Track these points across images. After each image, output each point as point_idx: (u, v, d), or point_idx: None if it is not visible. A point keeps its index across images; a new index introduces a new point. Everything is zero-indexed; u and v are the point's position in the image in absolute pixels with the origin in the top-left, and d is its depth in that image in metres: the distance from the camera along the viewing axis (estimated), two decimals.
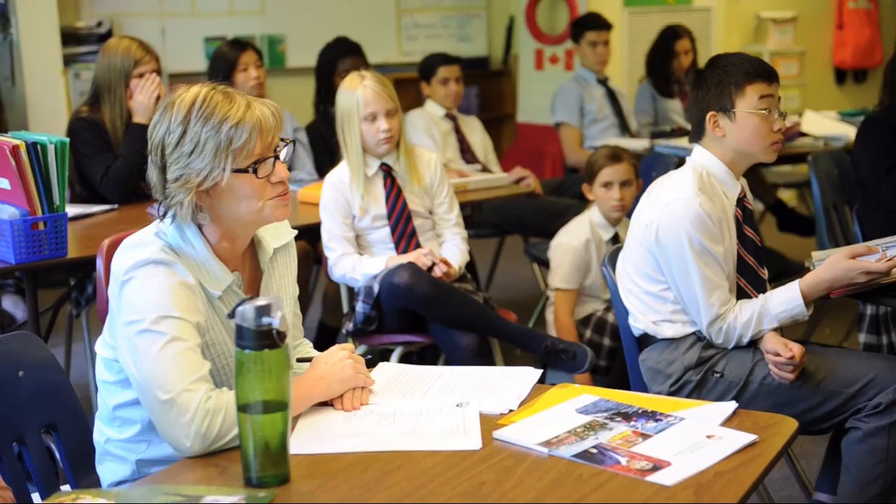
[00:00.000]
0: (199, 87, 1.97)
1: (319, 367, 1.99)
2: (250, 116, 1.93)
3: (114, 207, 3.95)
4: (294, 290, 2.20)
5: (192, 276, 1.94)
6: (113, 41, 4.19)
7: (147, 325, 1.86)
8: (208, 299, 1.97)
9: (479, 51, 7.96)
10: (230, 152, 1.91)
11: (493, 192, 4.51)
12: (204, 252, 1.98)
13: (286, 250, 2.17)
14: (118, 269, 1.94)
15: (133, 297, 1.90)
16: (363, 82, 3.52)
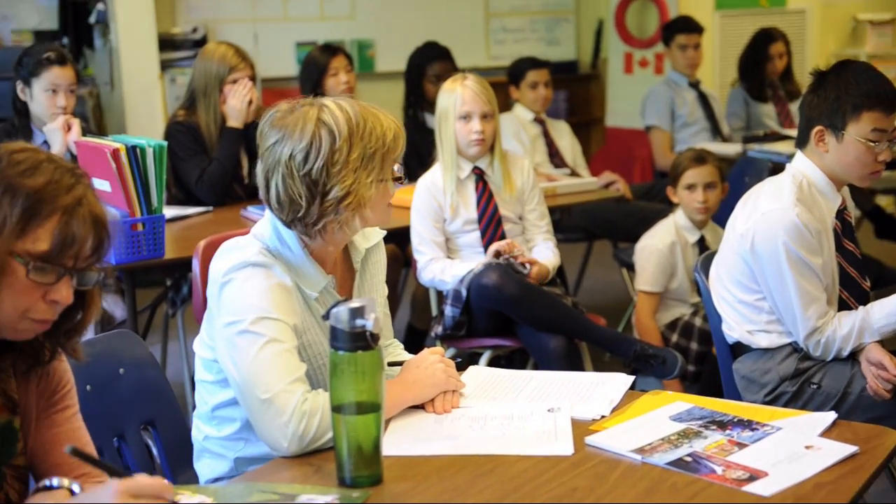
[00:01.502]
0: (345, 104, 2.00)
1: (411, 370, 2.00)
2: (398, 131, 2.04)
3: (209, 209, 4.02)
4: (383, 289, 2.22)
5: (289, 278, 1.97)
6: (210, 46, 4.27)
7: (246, 326, 1.89)
8: (305, 301, 2.00)
9: (568, 54, 7.93)
10: (388, 164, 2.02)
11: (581, 197, 4.49)
12: (300, 255, 2.01)
13: (376, 250, 2.20)
14: (217, 271, 1.98)
15: (232, 298, 1.93)
16: (464, 82, 3.54)
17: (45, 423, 1.66)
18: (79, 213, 1.50)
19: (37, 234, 1.48)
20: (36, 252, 1.48)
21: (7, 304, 1.49)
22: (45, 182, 1.49)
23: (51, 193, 1.49)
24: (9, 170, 1.48)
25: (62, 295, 1.52)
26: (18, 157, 1.50)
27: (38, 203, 1.48)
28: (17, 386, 1.64)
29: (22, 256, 1.48)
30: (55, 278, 1.51)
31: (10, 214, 1.46)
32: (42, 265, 1.49)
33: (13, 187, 1.47)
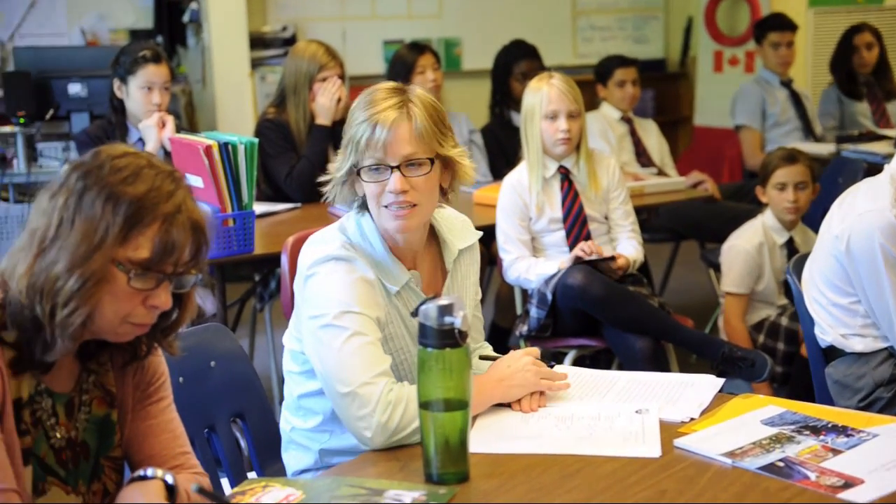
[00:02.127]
0: (376, 86, 2.04)
1: (500, 368, 2.00)
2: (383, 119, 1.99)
3: (297, 206, 4.07)
4: (476, 291, 2.22)
5: (371, 272, 1.98)
6: (301, 45, 4.32)
7: (330, 319, 1.91)
8: (387, 295, 2.01)
9: (656, 53, 7.85)
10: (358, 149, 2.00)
11: (668, 197, 4.44)
12: (381, 250, 2.03)
13: (470, 252, 2.19)
14: (302, 264, 2.01)
15: (316, 292, 1.96)
16: (550, 80, 3.52)
17: (140, 415, 1.70)
18: (178, 220, 1.52)
19: (138, 242, 1.50)
20: (137, 259, 1.50)
21: (108, 311, 1.52)
22: (146, 190, 1.51)
23: (152, 201, 1.51)
24: (111, 177, 1.50)
25: (161, 300, 1.54)
26: (120, 163, 1.52)
27: (140, 211, 1.50)
28: (114, 379, 1.68)
29: (123, 264, 1.50)
30: (155, 284, 1.53)
31: (112, 223, 1.48)
32: (143, 272, 1.51)
33: (116, 195, 1.49)
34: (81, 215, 1.49)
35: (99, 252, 1.48)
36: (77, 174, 1.51)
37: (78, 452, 1.62)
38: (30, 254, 1.49)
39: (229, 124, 6.01)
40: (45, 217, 1.50)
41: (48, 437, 1.58)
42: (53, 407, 1.59)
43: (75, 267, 1.47)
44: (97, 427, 1.65)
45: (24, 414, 1.54)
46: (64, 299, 1.48)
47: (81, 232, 1.48)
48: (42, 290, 1.48)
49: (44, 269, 1.48)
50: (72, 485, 1.61)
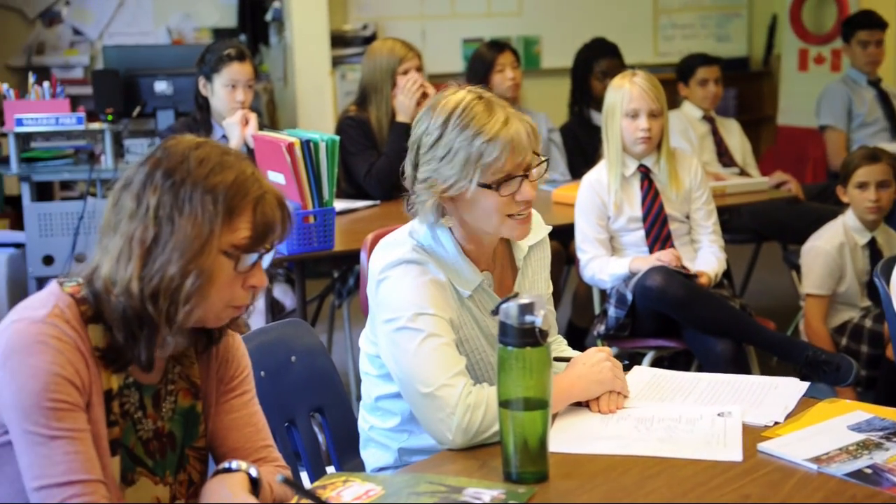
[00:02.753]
0: (465, 93, 1.99)
1: (578, 366, 1.99)
2: (505, 133, 1.92)
3: (376, 203, 4.10)
4: (547, 286, 2.21)
5: (443, 275, 1.98)
6: (377, 44, 4.36)
7: (404, 322, 1.92)
8: (459, 297, 2.02)
9: (739, 51, 7.73)
10: (479, 166, 1.92)
11: (751, 197, 4.38)
12: (454, 253, 2.02)
13: (540, 247, 2.18)
14: (374, 268, 2.01)
15: (388, 295, 1.97)
16: (633, 79, 3.49)
17: (223, 408, 1.72)
18: (267, 199, 1.56)
19: (237, 227, 1.53)
20: (240, 245, 1.54)
21: (216, 299, 1.55)
22: (234, 176, 1.54)
23: (243, 186, 1.54)
24: (198, 170, 1.52)
25: (259, 279, 1.58)
26: (200, 154, 1.54)
27: (235, 197, 1.53)
28: (199, 371, 1.71)
29: (230, 252, 1.53)
30: (252, 265, 1.57)
31: (214, 214, 1.51)
32: (246, 256, 1.55)
33: (211, 188, 1.52)
34: (182, 212, 1.51)
35: (209, 246, 1.51)
36: (161, 172, 1.53)
37: (165, 443, 1.65)
38: (133, 258, 1.51)
39: (310, 122, 6.08)
40: (138, 220, 1.51)
41: (136, 428, 1.61)
42: (141, 399, 1.62)
43: (191, 263, 1.50)
44: (183, 418, 1.68)
45: (113, 405, 1.58)
46: (185, 297, 1.51)
47: (188, 229, 1.50)
48: (158, 291, 1.50)
49: (157, 270, 1.50)
50: (159, 475, 1.64)
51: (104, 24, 6.70)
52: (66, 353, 1.49)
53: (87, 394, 1.51)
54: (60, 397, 1.47)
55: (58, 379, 1.47)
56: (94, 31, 6.69)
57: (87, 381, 1.52)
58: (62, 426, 1.47)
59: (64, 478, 1.46)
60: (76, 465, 1.47)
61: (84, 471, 1.47)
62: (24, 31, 6.64)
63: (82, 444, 1.48)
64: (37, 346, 1.47)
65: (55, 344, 1.48)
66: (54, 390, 1.46)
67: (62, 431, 1.47)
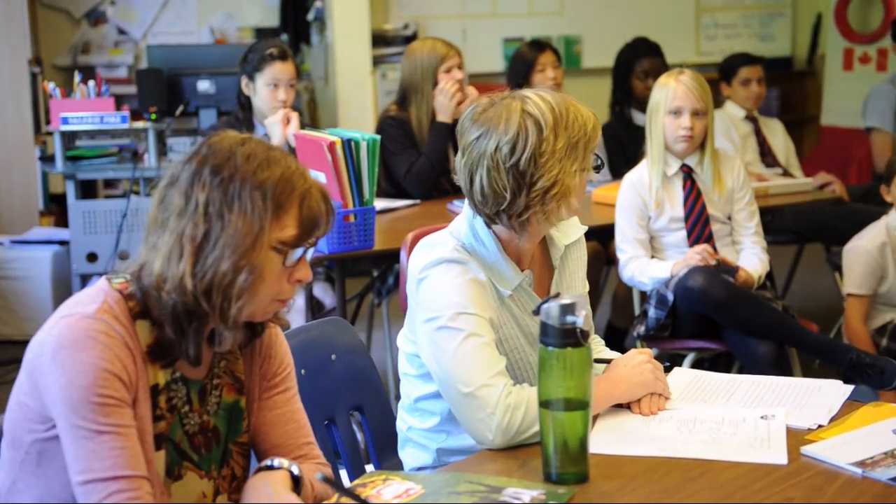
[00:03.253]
0: (549, 96, 1.97)
1: (619, 368, 1.98)
2: (596, 123, 1.99)
3: (416, 203, 4.11)
4: (584, 285, 2.19)
5: (483, 275, 1.98)
6: (416, 44, 4.37)
7: (444, 321, 1.92)
8: (499, 297, 2.01)
9: (782, 50, 7.66)
10: (586, 154, 1.98)
11: (794, 198, 4.34)
12: (495, 252, 2.02)
13: (576, 246, 2.17)
14: (414, 267, 2.01)
15: (429, 295, 1.97)
16: (679, 77, 3.47)
17: (266, 405, 1.74)
18: (313, 194, 1.57)
19: (285, 223, 1.54)
20: (287, 240, 1.55)
21: (264, 294, 1.57)
22: (281, 171, 1.55)
23: (289, 182, 1.55)
24: (246, 166, 1.54)
25: (304, 273, 1.60)
26: (246, 150, 1.56)
27: (283, 193, 1.54)
28: (243, 367, 1.72)
29: (278, 247, 1.55)
30: (298, 260, 1.59)
31: (264, 210, 1.52)
32: (293, 251, 1.56)
33: (260, 183, 1.53)
34: (232, 208, 1.52)
35: (260, 241, 1.52)
36: (209, 168, 1.54)
37: (210, 438, 1.67)
38: (185, 255, 1.52)
39: (350, 121, 6.10)
40: (188, 217, 1.53)
41: (182, 422, 1.63)
42: (188, 393, 1.63)
43: (242, 259, 1.52)
44: (227, 413, 1.69)
45: (160, 400, 1.59)
46: (238, 292, 1.53)
47: (239, 225, 1.52)
48: (211, 287, 1.52)
49: (209, 267, 1.51)
50: (205, 469, 1.66)
51: (148, 23, 6.77)
52: (114, 349, 1.50)
53: (133, 390, 1.53)
54: (108, 393, 1.48)
55: (106, 374, 1.49)
56: (138, 30, 6.76)
57: (135, 377, 1.53)
58: (109, 422, 1.48)
59: (109, 473, 1.47)
60: (122, 461, 1.48)
61: (129, 467, 1.49)
62: (70, 31, 6.72)
63: (128, 439, 1.50)
64: (86, 341, 1.49)
65: (104, 339, 1.50)
66: (102, 385, 1.48)
67: (109, 427, 1.48)
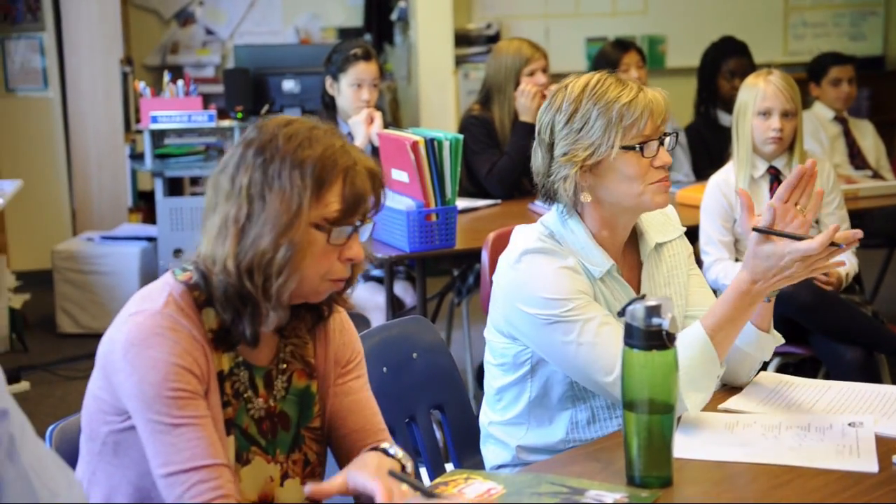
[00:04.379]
0: (591, 73, 2.02)
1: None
2: (642, 98, 1.96)
3: (497, 202, 4.10)
4: (683, 288, 2.16)
5: (572, 260, 1.98)
6: (503, 43, 4.36)
7: (554, 315, 1.92)
8: (591, 279, 2.00)
9: (874, 50, 7.47)
10: (621, 128, 1.94)
11: (884, 201, 4.24)
12: (584, 238, 2.01)
13: (677, 245, 2.15)
14: (507, 258, 2.02)
15: (526, 288, 1.96)
16: (768, 77, 3.42)
17: (342, 390, 1.74)
18: (357, 170, 1.58)
19: (328, 200, 1.56)
20: (331, 217, 1.56)
21: (311, 271, 1.57)
22: (322, 149, 1.56)
23: (331, 159, 1.56)
24: (286, 146, 1.56)
25: (355, 252, 1.60)
26: (289, 131, 1.58)
27: (324, 170, 1.55)
28: (314, 351, 1.74)
29: (321, 225, 1.56)
30: (346, 238, 1.59)
31: (303, 188, 1.54)
32: (338, 229, 1.57)
33: (299, 161, 1.55)
34: (272, 188, 1.54)
35: (299, 219, 1.54)
36: (253, 151, 1.57)
37: (276, 422, 1.68)
38: (229, 236, 1.55)
39: (432, 120, 6.12)
40: (233, 200, 1.56)
41: (247, 408, 1.65)
42: (252, 378, 1.65)
43: (281, 237, 1.53)
44: (298, 398, 1.71)
45: (226, 386, 1.62)
46: (277, 269, 1.54)
47: (278, 203, 1.53)
48: (252, 265, 1.54)
49: (250, 246, 1.54)
50: (271, 454, 1.67)
51: (235, 23, 6.87)
52: (182, 343, 1.53)
53: (205, 381, 1.56)
54: (181, 386, 1.52)
55: (177, 369, 1.52)
56: (225, 30, 6.87)
57: (206, 369, 1.56)
58: (184, 414, 1.51)
59: (189, 464, 1.50)
60: (200, 451, 1.51)
61: (208, 455, 1.51)
62: (159, 32, 6.86)
63: (205, 430, 1.53)
64: (154, 337, 1.52)
65: (172, 335, 1.53)
66: (174, 380, 1.51)
67: (185, 419, 1.51)
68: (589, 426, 2.06)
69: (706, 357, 1.88)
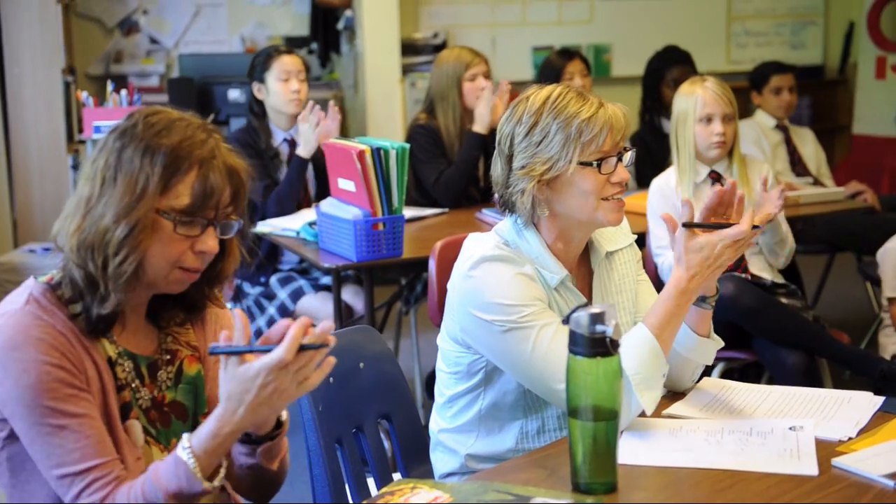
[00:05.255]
0: (554, 86, 2.03)
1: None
2: (602, 113, 1.97)
3: (444, 211, 4.11)
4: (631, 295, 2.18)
5: (529, 267, 1.99)
6: (444, 52, 4.39)
7: (510, 322, 1.93)
8: (547, 286, 2.02)
9: (814, 59, 7.60)
10: (580, 144, 1.95)
11: (825, 207, 4.30)
12: (539, 248, 2.03)
13: (627, 253, 2.17)
14: (459, 266, 2.03)
15: (480, 297, 1.97)
16: (704, 84, 3.47)
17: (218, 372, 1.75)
18: (214, 165, 1.59)
19: (178, 190, 1.57)
20: (179, 207, 1.57)
21: (158, 258, 1.59)
22: (180, 139, 1.58)
23: (187, 149, 1.58)
24: (145, 132, 1.58)
25: (208, 245, 1.61)
26: (152, 119, 1.60)
27: (177, 160, 1.57)
28: (196, 335, 1.75)
29: (167, 212, 1.57)
30: (200, 230, 1.60)
31: (151, 173, 1.55)
32: (186, 219, 1.58)
33: (151, 148, 1.56)
34: (122, 171, 1.56)
35: (142, 201, 1.55)
36: (114, 136, 1.59)
37: (166, 413, 1.68)
38: (78, 215, 1.57)
39: (379, 129, 6.11)
40: (89, 181, 1.58)
41: (136, 397, 1.65)
42: (137, 369, 1.66)
43: (121, 217, 1.55)
44: (191, 387, 1.72)
45: (117, 371, 1.63)
46: (114, 249, 1.55)
47: (124, 185, 1.55)
48: (92, 244, 1.55)
49: (92, 224, 1.56)
50: (164, 443, 1.67)
51: (180, 33, 6.82)
52: (48, 339, 1.54)
53: (82, 371, 1.56)
54: (56, 385, 1.52)
55: (48, 367, 1.52)
56: (170, 39, 6.82)
57: (79, 360, 1.56)
58: (67, 412, 1.52)
59: (81, 465, 1.52)
60: (90, 451, 1.52)
61: (98, 454, 1.53)
62: (103, 41, 6.78)
63: (90, 426, 1.54)
64: (18, 337, 1.53)
65: (36, 332, 1.53)
66: (48, 379, 1.52)
67: (68, 418, 1.52)
68: (538, 436, 2.07)
69: (655, 356, 1.91)
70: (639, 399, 1.87)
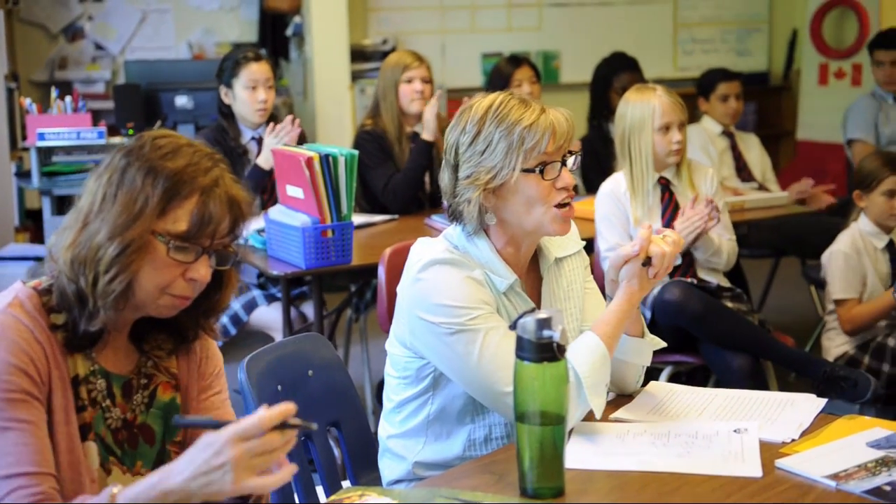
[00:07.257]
0: (497, 94, 2.04)
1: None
2: (544, 119, 1.98)
3: (394, 217, 4.11)
4: (579, 300, 2.19)
5: (478, 272, 1.99)
6: (389, 56, 4.42)
7: (456, 325, 1.93)
8: (496, 291, 2.02)
9: (759, 65, 7.71)
10: (521, 151, 1.96)
11: (770, 212, 4.37)
12: (489, 253, 2.03)
13: (575, 260, 2.18)
14: (410, 270, 2.03)
15: (428, 299, 1.97)
16: (657, 92, 3.48)
17: (203, 406, 1.74)
18: (216, 193, 1.58)
19: (177, 215, 1.56)
20: (175, 231, 1.56)
21: (148, 281, 1.57)
22: (184, 164, 1.57)
23: (190, 175, 1.57)
24: (151, 153, 1.57)
25: (200, 273, 1.59)
26: (160, 142, 1.59)
27: (178, 184, 1.56)
28: (178, 364, 1.73)
29: (162, 235, 1.56)
30: (194, 257, 1.59)
31: (151, 195, 1.55)
32: (181, 244, 1.57)
33: (155, 169, 1.56)
34: (123, 189, 1.55)
35: (138, 221, 1.54)
36: (121, 154, 1.59)
37: (136, 434, 1.66)
38: (74, 229, 1.56)
39: (329, 136, 6.10)
40: (90, 195, 1.58)
41: (105, 417, 1.63)
42: (109, 388, 1.64)
43: (115, 235, 1.53)
44: (162, 412, 1.69)
45: (81, 391, 1.60)
46: (105, 266, 1.53)
47: (122, 203, 1.55)
48: (85, 259, 1.54)
49: (86, 239, 1.55)
50: (128, 465, 1.65)
51: (126, 39, 6.74)
52: (20, 343, 1.52)
53: (45, 382, 1.54)
54: (13, 387, 1.50)
55: (11, 368, 1.51)
56: (116, 46, 6.74)
57: (46, 370, 1.54)
58: (14, 416, 1.50)
59: (13, 469, 1.49)
60: (24, 458, 1.49)
61: (33, 463, 1.50)
62: (47, 47, 6.69)
63: (33, 435, 1.51)
64: None
65: (10, 334, 1.52)
66: (7, 380, 1.50)
67: (14, 423, 1.50)
68: (486, 444, 2.07)
69: (605, 364, 1.93)
70: (589, 402, 1.88)
